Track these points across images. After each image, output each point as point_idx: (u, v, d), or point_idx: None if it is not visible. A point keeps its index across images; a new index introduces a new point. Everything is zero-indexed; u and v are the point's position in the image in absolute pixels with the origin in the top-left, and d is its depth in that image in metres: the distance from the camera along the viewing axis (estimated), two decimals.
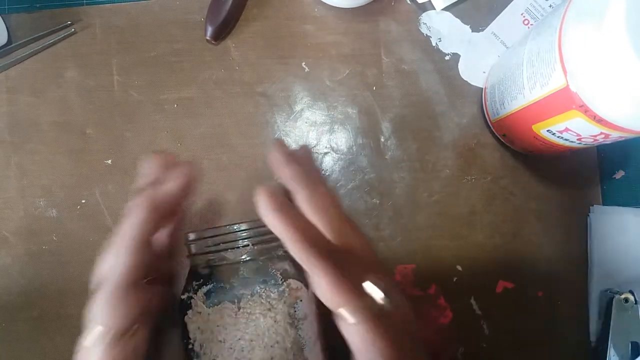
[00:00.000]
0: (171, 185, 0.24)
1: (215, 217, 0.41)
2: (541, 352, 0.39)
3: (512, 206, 0.41)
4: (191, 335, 0.28)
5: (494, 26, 0.42)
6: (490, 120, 0.40)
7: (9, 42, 0.43)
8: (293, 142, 0.42)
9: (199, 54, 0.43)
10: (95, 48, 0.44)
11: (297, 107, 0.43)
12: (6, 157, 0.43)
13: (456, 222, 0.41)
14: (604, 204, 0.40)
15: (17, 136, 0.43)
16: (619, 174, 0.41)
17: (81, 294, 0.41)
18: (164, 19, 0.44)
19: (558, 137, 0.32)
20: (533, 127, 0.34)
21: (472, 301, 0.40)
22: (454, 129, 0.42)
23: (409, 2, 0.43)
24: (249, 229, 0.29)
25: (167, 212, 0.25)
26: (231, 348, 0.23)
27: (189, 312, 0.28)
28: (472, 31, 0.43)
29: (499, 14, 0.42)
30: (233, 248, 0.28)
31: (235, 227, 0.29)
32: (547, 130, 0.33)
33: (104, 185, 0.42)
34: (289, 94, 0.43)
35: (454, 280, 0.40)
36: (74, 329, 0.41)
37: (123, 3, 0.44)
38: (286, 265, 0.29)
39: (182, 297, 0.29)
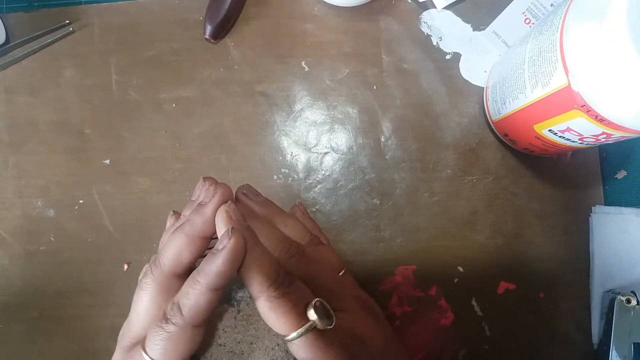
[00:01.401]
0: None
1: None
2: (543, 354, 0.39)
3: (514, 206, 0.41)
4: None
5: (495, 25, 0.42)
6: (491, 119, 0.40)
7: (7, 41, 0.43)
8: (293, 142, 0.42)
9: (197, 53, 0.43)
10: (94, 47, 0.43)
11: (297, 107, 0.43)
12: (4, 157, 0.43)
13: (457, 223, 0.41)
14: (606, 204, 0.40)
15: (14, 136, 0.43)
16: (621, 174, 0.41)
17: (79, 294, 0.42)
18: (162, 18, 0.43)
19: (560, 137, 0.32)
20: (535, 126, 0.33)
21: (474, 302, 0.40)
22: (455, 128, 0.42)
23: (409, 0, 0.43)
24: None
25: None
26: (231, 351, 0.23)
27: None
28: (473, 30, 0.42)
29: (500, 13, 0.42)
30: None
31: None
32: (549, 130, 0.32)
33: (101, 185, 0.42)
34: (289, 94, 0.43)
35: (455, 281, 0.40)
36: (72, 330, 0.41)
37: (121, 2, 0.44)
38: None
39: None
